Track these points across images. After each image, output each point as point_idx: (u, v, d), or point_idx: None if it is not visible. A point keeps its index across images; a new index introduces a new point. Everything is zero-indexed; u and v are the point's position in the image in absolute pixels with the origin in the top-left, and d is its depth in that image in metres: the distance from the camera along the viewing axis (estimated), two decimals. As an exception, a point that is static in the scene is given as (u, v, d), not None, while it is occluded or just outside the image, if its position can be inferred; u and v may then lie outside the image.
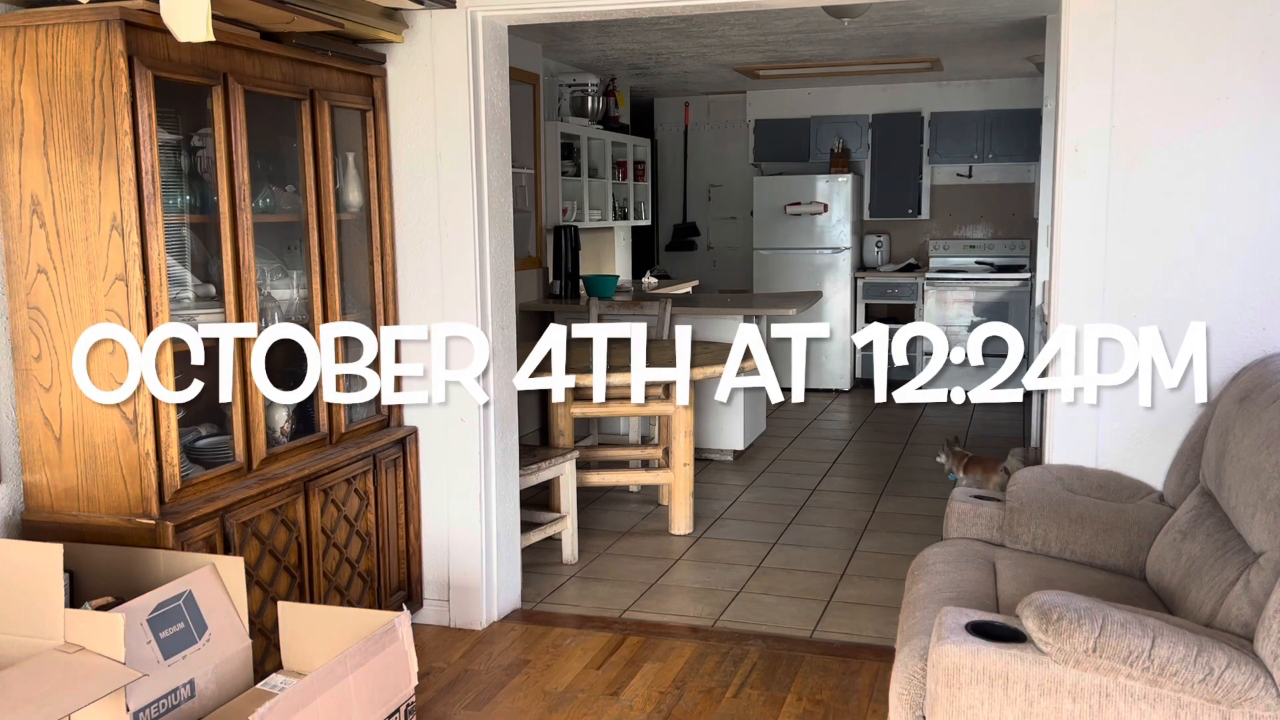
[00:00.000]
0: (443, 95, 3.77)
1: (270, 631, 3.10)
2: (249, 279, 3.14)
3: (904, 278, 9.07)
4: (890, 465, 6.55)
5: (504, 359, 4.02)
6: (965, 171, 9.20)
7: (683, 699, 3.41)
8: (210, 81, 2.98)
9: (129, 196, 2.72)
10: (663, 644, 3.84)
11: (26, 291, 2.85)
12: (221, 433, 3.21)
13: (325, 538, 3.44)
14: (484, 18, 3.78)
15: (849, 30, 6.57)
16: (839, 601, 4.27)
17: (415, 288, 3.89)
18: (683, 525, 5.18)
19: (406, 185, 3.85)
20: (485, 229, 3.85)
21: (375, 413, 3.83)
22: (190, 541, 2.86)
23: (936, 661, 2.26)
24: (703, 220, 10.06)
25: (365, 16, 3.49)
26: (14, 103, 2.76)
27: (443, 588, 4.01)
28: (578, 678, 3.57)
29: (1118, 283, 3.25)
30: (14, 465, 2.92)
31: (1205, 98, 3.14)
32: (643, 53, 7.44)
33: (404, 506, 3.88)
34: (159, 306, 2.81)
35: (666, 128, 10.13)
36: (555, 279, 7.28)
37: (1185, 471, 3.07)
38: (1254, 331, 3.16)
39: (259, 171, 3.31)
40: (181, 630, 2.59)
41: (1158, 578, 2.86)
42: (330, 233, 3.51)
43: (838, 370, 8.97)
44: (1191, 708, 2.12)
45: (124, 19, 2.66)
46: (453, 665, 3.68)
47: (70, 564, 2.67)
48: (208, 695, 2.63)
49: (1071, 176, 3.27)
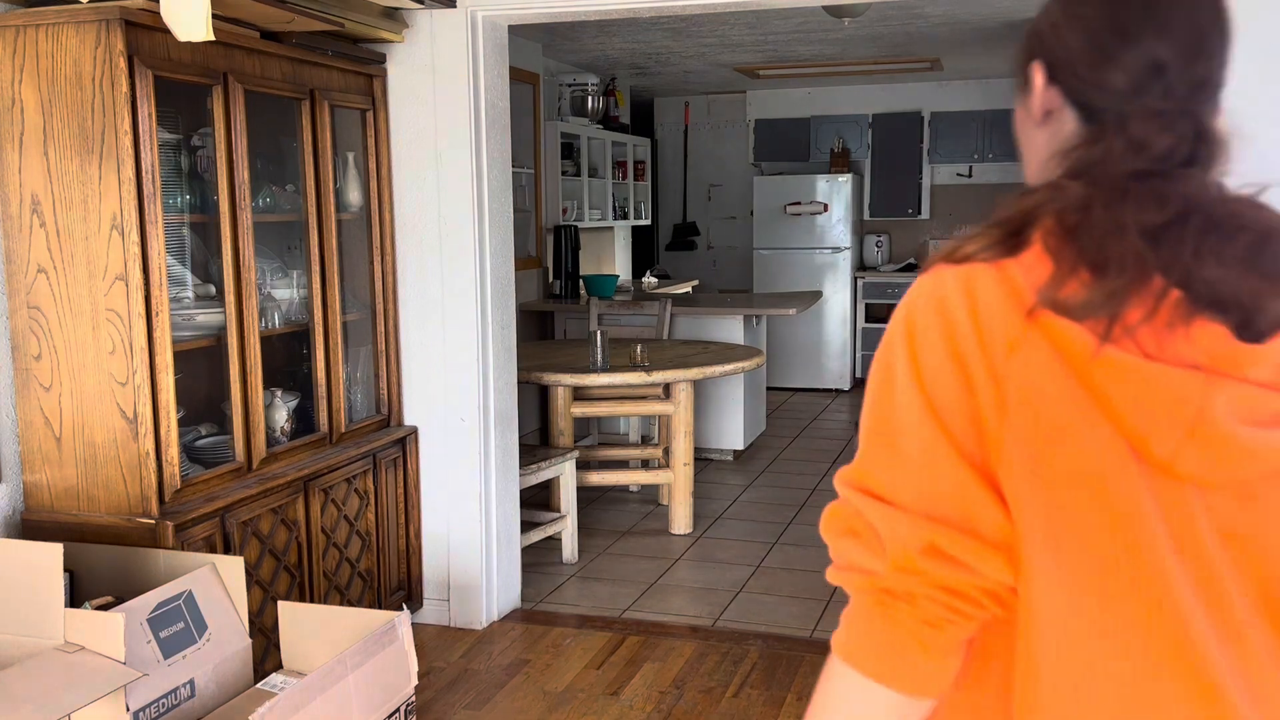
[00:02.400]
0: (443, 95, 3.77)
1: (270, 631, 3.10)
2: (249, 278, 3.14)
3: (904, 277, 9.07)
4: (890, 465, 6.54)
5: (504, 359, 4.02)
6: (965, 171, 9.20)
7: (683, 699, 3.41)
8: (210, 81, 2.98)
9: (129, 196, 2.72)
10: (663, 644, 3.84)
11: (26, 291, 2.84)
12: (221, 432, 3.21)
13: (325, 537, 3.44)
14: (484, 17, 3.78)
15: (849, 30, 6.57)
16: (839, 601, 4.26)
17: (415, 288, 3.89)
18: (682, 525, 5.18)
19: (406, 185, 3.85)
20: (485, 229, 3.85)
21: (375, 412, 3.84)
22: (190, 541, 2.87)
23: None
24: (703, 220, 10.06)
25: (365, 16, 3.49)
26: (14, 102, 2.76)
27: (443, 587, 4.02)
28: (578, 677, 3.57)
29: (1118, 283, 3.25)
30: (14, 465, 2.92)
31: (1205, 98, 3.14)
32: (643, 52, 7.44)
33: (404, 506, 3.88)
34: (159, 306, 2.81)
35: (666, 127, 10.13)
36: (555, 279, 7.28)
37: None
38: (1254, 331, 3.16)
39: (259, 171, 3.31)
40: (181, 630, 2.59)
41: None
42: (330, 232, 3.51)
43: (837, 370, 8.97)
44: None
45: (124, 18, 2.66)
46: (453, 665, 3.68)
47: (70, 564, 2.67)
48: (208, 695, 2.63)
49: (1071, 176, 3.27)
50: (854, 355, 9.14)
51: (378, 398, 3.85)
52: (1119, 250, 0.87)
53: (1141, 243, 0.87)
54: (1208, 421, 0.87)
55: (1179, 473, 0.88)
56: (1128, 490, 0.87)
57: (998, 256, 0.93)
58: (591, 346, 4.98)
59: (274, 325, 3.37)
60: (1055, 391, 0.87)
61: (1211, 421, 0.87)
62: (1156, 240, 0.88)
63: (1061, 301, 0.87)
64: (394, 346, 3.88)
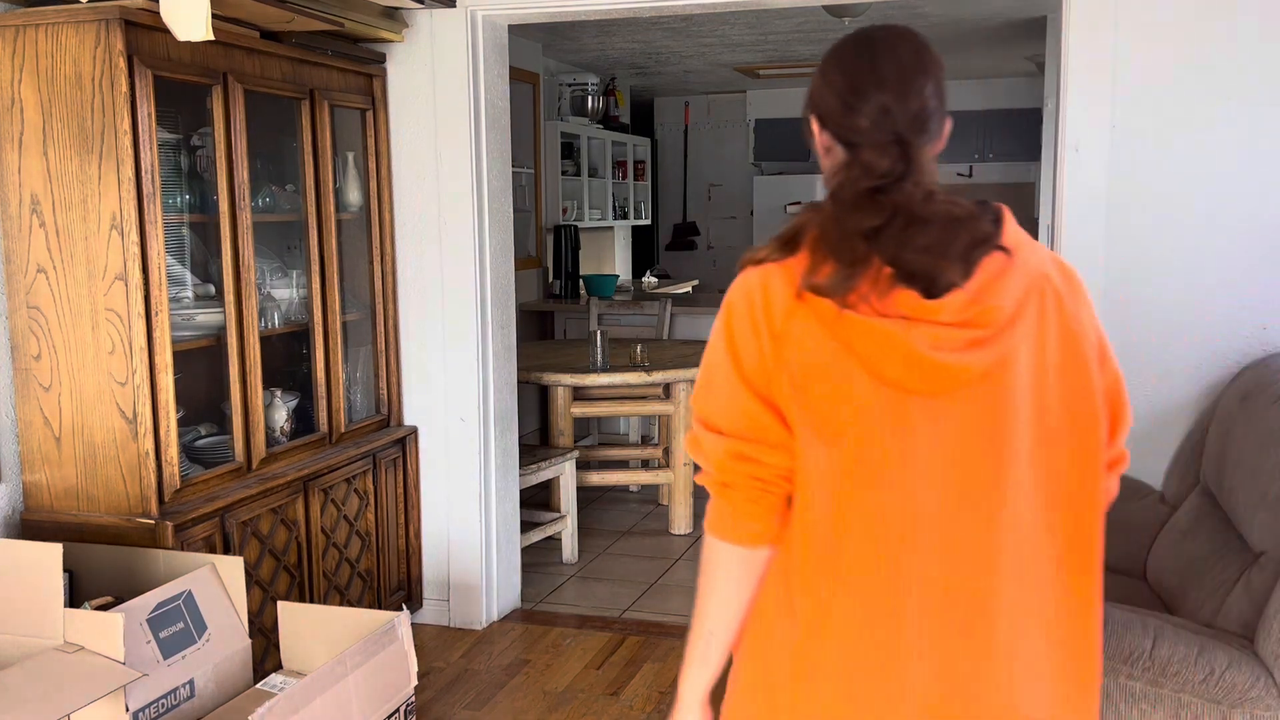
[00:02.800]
0: (443, 95, 3.77)
1: (270, 631, 3.09)
2: (249, 278, 3.14)
3: (904, 277, 9.07)
4: (890, 465, 6.55)
5: (504, 359, 4.02)
6: (966, 171, 9.20)
7: (683, 699, 3.41)
8: (210, 81, 2.98)
9: (129, 196, 2.72)
10: (663, 644, 3.83)
11: (26, 291, 2.84)
12: (221, 432, 3.21)
13: (325, 537, 3.44)
14: (484, 17, 3.77)
15: (849, 30, 6.56)
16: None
17: (415, 287, 3.89)
18: (683, 525, 5.18)
19: (406, 185, 3.84)
20: (485, 229, 3.85)
21: (375, 412, 3.84)
22: (190, 541, 2.86)
23: (937, 661, 2.26)
24: (703, 220, 10.06)
25: (365, 16, 3.49)
26: (14, 102, 2.76)
27: (442, 587, 4.01)
28: (578, 678, 3.57)
29: (1118, 282, 3.25)
30: (14, 465, 2.92)
31: (1205, 97, 3.14)
32: (643, 52, 7.44)
33: (404, 506, 3.88)
34: (158, 306, 2.81)
35: (666, 127, 10.13)
36: (555, 278, 7.28)
37: (1185, 471, 3.06)
38: (1254, 331, 3.16)
39: (259, 171, 3.31)
40: (181, 630, 2.58)
41: (1158, 577, 2.86)
42: (330, 232, 3.51)
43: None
44: (1192, 708, 2.12)
45: (124, 18, 2.66)
46: (452, 665, 3.68)
47: (70, 564, 2.67)
48: (207, 695, 2.63)
49: (1071, 176, 3.28)
50: (854, 355, 9.15)
51: (377, 398, 3.85)
52: (849, 248, 1.32)
53: (863, 242, 1.32)
54: (915, 353, 1.31)
55: (908, 389, 1.33)
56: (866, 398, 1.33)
57: (781, 258, 1.39)
58: (591, 346, 4.98)
59: (274, 325, 3.37)
60: (815, 343, 1.34)
61: (917, 353, 1.31)
62: (874, 237, 1.32)
63: (816, 285, 1.33)
64: (394, 346, 3.88)
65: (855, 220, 1.33)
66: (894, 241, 1.31)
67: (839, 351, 1.33)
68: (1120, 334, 3.26)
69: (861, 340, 1.32)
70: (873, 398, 1.33)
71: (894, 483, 1.34)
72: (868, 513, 1.35)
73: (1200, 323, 3.20)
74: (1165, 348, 3.23)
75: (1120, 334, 3.26)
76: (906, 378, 1.32)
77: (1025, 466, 1.36)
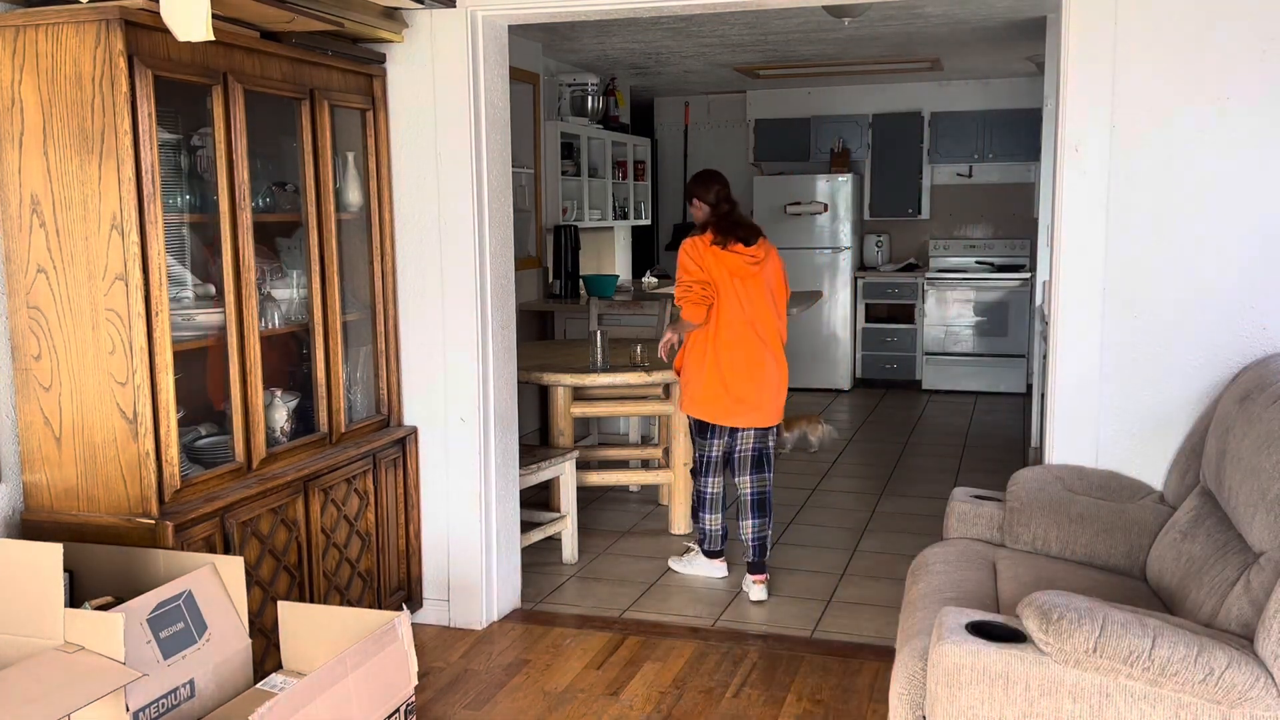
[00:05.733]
0: (443, 95, 3.77)
1: (270, 631, 3.10)
2: (249, 278, 3.14)
3: (904, 277, 9.07)
4: (890, 465, 6.55)
5: (504, 359, 4.02)
6: (965, 171, 9.20)
7: (682, 699, 3.41)
8: (210, 81, 2.98)
9: (129, 196, 2.72)
10: (662, 644, 3.84)
11: (26, 291, 2.84)
12: (221, 432, 3.21)
13: (325, 537, 3.44)
14: (484, 17, 3.78)
15: (849, 30, 6.57)
16: (839, 601, 4.27)
17: (415, 287, 3.89)
18: (683, 525, 5.18)
19: (406, 185, 3.85)
20: (485, 229, 3.85)
21: (375, 412, 3.84)
22: (190, 541, 2.86)
23: (937, 661, 2.26)
24: (703, 220, 10.04)
25: (365, 16, 3.49)
26: (14, 102, 2.76)
27: (442, 587, 4.01)
28: (577, 677, 3.57)
29: (1118, 282, 3.26)
30: (14, 465, 2.92)
31: (1206, 97, 3.15)
32: (643, 52, 7.44)
33: (404, 506, 3.88)
34: (159, 306, 2.81)
35: (666, 127, 10.14)
36: (555, 279, 7.28)
37: (1185, 471, 3.07)
38: (1254, 331, 3.16)
39: (259, 171, 3.31)
40: (181, 630, 2.59)
41: (1158, 578, 2.86)
42: (330, 232, 3.51)
43: (838, 370, 8.97)
44: (1192, 708, 2.12)
45: (124, 18, 2.66)
46: (452, 665, 3.68)
47: (70, 564, 2.67)
48: (207, 695, 2.63)
49: (1071, 176, 3.28)
50: (855, 355, 9.15)
51: (377, 398, 3.85)
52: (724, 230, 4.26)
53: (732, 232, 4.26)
54: (740, 265, 4.23)
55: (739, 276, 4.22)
56: (728, 279, 4.22)
57: (702, 234, 4.28)
58: (591, 346, 4.98)
59: (274, 325, 3.37)
60: (713, 261, 4.21)
61: (742, 265, 4.23)
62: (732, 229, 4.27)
63: (715, 241, 4.24)
64: (394, 346, 3.88)
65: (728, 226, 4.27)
66: (734, 229, 4.26)
67: (720, 264, 4.21)
68: (1120, 333, 3.26)
69: (728, 260, 4.21)
70: (730, 279, 4.20)
71: (738, 305, 4.21)
72: (733, 315, 4.22)
73: (1200, 323, 3.20)
74: (1165, 348, 3.23)
75: (1120, 333, 3.26)
76: (738, 272, 4.21)
77: (762, 304, 4.26)
